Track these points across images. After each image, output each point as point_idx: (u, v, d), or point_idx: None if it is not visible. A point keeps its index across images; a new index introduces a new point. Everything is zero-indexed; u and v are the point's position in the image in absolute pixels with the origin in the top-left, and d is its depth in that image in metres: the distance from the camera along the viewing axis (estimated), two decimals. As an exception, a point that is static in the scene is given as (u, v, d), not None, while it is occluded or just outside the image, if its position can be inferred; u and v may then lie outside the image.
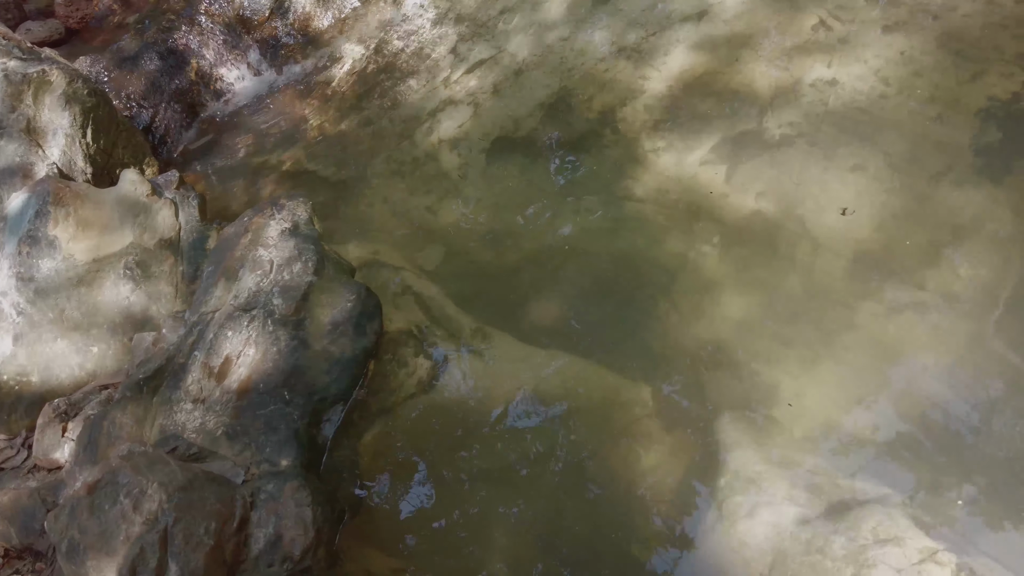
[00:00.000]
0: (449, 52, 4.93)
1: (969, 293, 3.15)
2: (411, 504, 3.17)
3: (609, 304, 3.66)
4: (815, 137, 3.57)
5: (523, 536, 3.15)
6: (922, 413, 2.98)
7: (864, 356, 3.20)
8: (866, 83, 3.58)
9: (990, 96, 3.31)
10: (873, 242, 3.34)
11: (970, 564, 2.30)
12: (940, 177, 3.27)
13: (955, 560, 2.31)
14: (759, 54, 3.94)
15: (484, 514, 3.21)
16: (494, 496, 3.25)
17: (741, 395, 3.31)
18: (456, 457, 3.31)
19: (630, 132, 3.97)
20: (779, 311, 3.43)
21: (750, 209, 3.61)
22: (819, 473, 2.91)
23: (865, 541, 2.45)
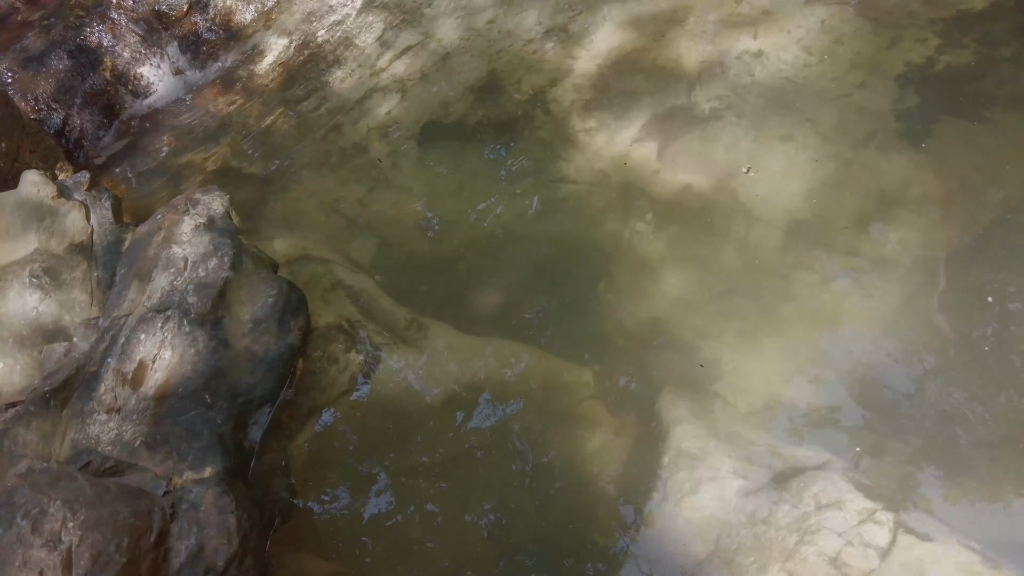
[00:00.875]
0: (376, 40, 4.79)
1: (900, 257, 3.17)
2: (348, 505, 3.04)
3: (548, 288, 3.58)
4: (743, 109, 3.56)
5: (471, 530, 3.04)
6: (860, 380, 2.98)
7: (803, 326, 3.19)
8: (790, 53, 3.59)
9: (907, 61, 3.35)
10: (805, 211, 3.34)
11: (906, 520, 2.29)
12: (865, 143, 3.29)
13: (892, 518, 2.30)
14: (685, 29, 3.92)
15: (428, 511, 3.09)
16: (437, 491, 3.13)
17: (683, 372, 3.27)
18: (395, 454, 3.19)
19: (561, 113, 3.90)
20: (717, 285, 3.41)
21: (683, 185, 3.58)
22: (762, 444, 2.89)
23: (808, 508, 2.43)
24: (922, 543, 2.22)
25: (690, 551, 2.59)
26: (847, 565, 2.23)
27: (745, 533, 2.49)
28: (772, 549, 2.37)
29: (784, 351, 3.17)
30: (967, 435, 2.75)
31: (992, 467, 2.64)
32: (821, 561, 2.27)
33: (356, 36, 4.95)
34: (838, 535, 2.29)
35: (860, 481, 2.50)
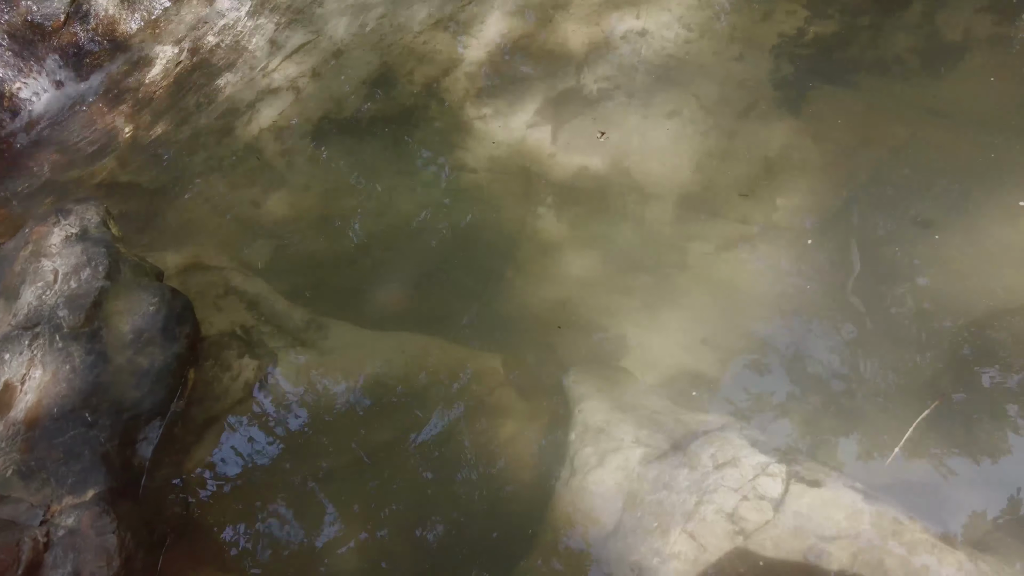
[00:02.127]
0: (266, 42, 4.65)
1: (787, 221, 3.27)
2: (251, 515, 2.91)
3: (453, 278, 3.54)
4: (631, 88, 3.61)
5: (383, 532, 2.96)
6: (758, 342, 3.05)
7: (701, 296, 3.24)
8: (672, 31, 3.67)
9: (780, 33, 3.47)
10: (695, 184, 3.41)
11: (798, 470, 2.34)
12: (747, 114, 3.39)
13: (785, 469, 2.35)
14: (571, 13, 3.95)
15: (337, 515, 2.99)
16: (345, 495, 3.03)
17: (590, 350, 3.28)
18: (298, 459, 3.08)
19: (455, 102, 3.87)
20: (618, 263, 3.43)
21: (579, 166, 3.60)
22: (664, 412, 2.91)
23: (706, 469, 2.45)
24: (812, 490, 2.27)
25: (598, 524, 2.58)
26: (744, 519, 2.26)
27: (649, 500, 2.50)
28: (674, 512, 2.39)
29: (685, 322, 3.22)
30: (858, 387, 2.84)
31: (882, 415, 2.74)
32: (719, 518, 2.29)
33: (246, 39, 4.80)
34: (734, 491, 2.32)
35: (755, 438, 2.55)
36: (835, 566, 2.11)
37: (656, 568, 2.29)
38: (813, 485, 2.29)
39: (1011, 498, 2.47)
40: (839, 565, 2.10)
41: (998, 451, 2.58)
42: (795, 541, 2.18)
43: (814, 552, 2.15)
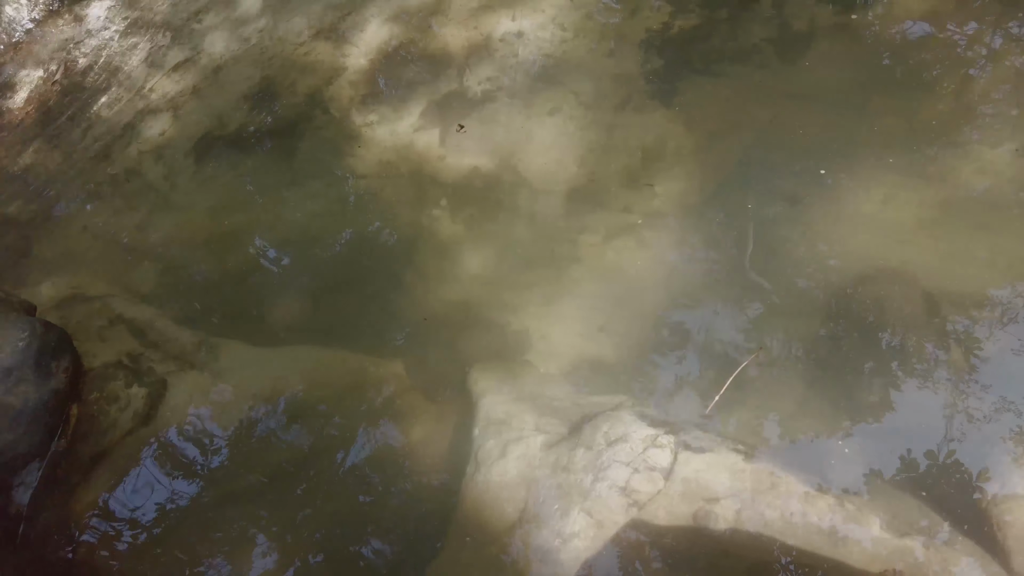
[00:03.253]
0: (142, 61, 4.49)
1: (668, 207, 3.42)
2: (146, 552, 2.79)
3: (350, 286, 3.52)
4: (513, 88, 3.70)
5: (295, 549, 2.90)
6: (649, 322, 3.17)
7: (595, 285, 3.34)
8: (547, 31, 3.78)
9: (647, 28, 3.65)
10: (580, 178, 3.52)
11: (684, 439, 2.46)
12: (623, 107, 3.53)
13: (673, 439, 2.46)
14: (449, 18, 4.01)
15: (242, 540, 2.91)
16: (250, 516, 2.95)
17: (494, 346, 3.33)
18: (195, 486, 2.97)
19: (340, 110, 3.85)
20: (515, 259, 3.50)
21: (469, 167, 3.65)
22: (564, 399, 2.99)
23: (600, 447, 2.54)
24: (698, 456, 2.39)
25: (503, 514, 2.62)
26: (636, 491, 2.36)
27: (549, 484, 2.56)
28: (573, 493, 2.46)
29: (583, 311, 3.31)
30: (740, 355, 3.01)
31: (769, 382, 2.91)
32: (614, 493, 2.38)
33: (121, 59, 4.61)
34: (626, 465, 2.42)
35: (645, 413, 2.66)
36: (722, 525, 2.23)
37: (558, 550, 2.36)
38: (699, 452, 2.41)
39: (879, 448, 2.67)
40: (725, 524, 2.22)
41: (870, 407, 2.79)
42: (685, 506, 2.29)
43: (702, 514, 2.26)
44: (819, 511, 2.18)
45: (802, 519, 2.17)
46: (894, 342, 2.89)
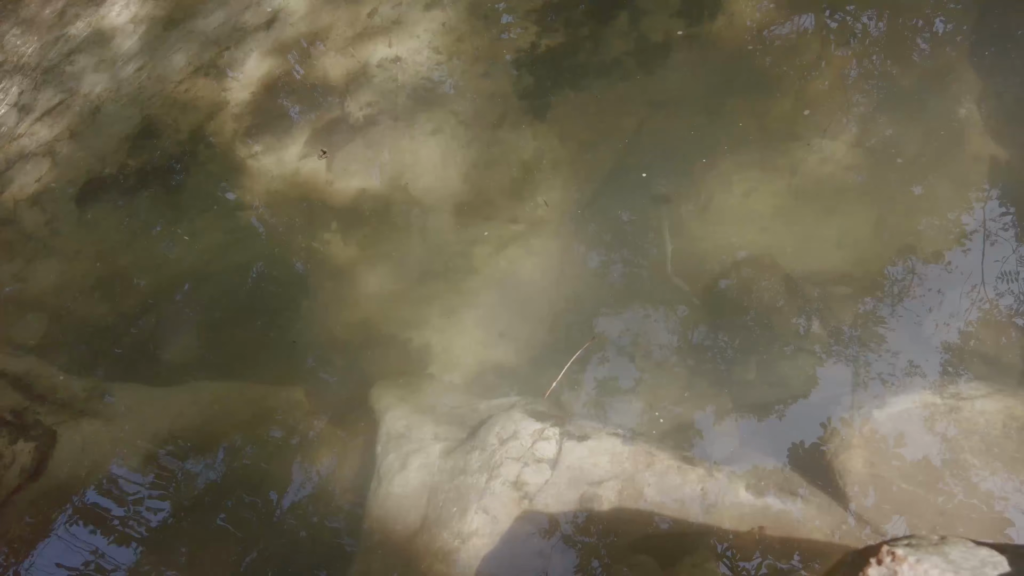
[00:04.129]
0: (12, 106, 4.37)
1: (551, 215, 3.61)
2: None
3: (247, 317, 3.53)
4: (395, 111, 3.83)
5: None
6: (542, 324, 3.34)
7: (492, 294, 3.49)
8: (423, 55, 3.93)
9: (517, 48, 3.85)
10: (466, 193, 3.67)
11: (570, 429, 2.63)
12: (500, 124, 3.71)
13: (558, 431, 2.62)
14: (327, 47, 4.11)
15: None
16: (161, 564, 2.92)
17: (396, 363, 3.41)
18: (98, 535, 2.91)
19: (224, 144, 3.88)
20: (411, 275, 3.61)
21: (358, 190, 3.74)
22: (463, 405, 3.11)
23: (493, 447, 2.67)
24: (581, 444, 2.55)
25: (407, 522, 2.70)
26: (526, 484, 2.49)
27: (448, 487, 2.66)
28: (469, 494, 2.57)
29: (482, 320, 3.45)
30: (624, 346, 3.21)
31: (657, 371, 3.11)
32: (506, 488, 2.50)
33: (-10, 105, 4.47)
34: (517, 460, 2.55)
35: (535, 409, 2.81)
36: (606, 505, 2.38)
37: (458, 550, 2.46)
38: (582, 440, 2.57)
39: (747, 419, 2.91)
40: (608, 504, 2.38)
41: (743, 383, 3.03)
42: (571, 492, 2.44)
43: (587, 497, 2.42)
44: (691, 482, 2.37)
45: (677, 491, 2.35)
46: (762, 322, 3.15)
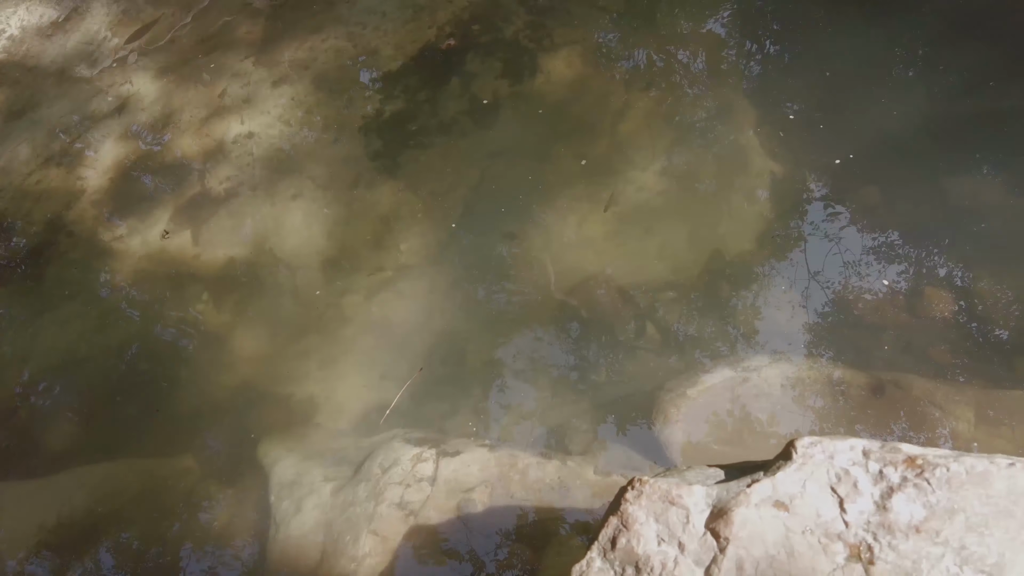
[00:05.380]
0: None
1: (413, 260, 3.97)
2: None
3: (127, 396, 3.60)
4: (254, 182, 4.07)
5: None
6: (421, 360, 3.65)
7: (368, 339, 3.77)
8: (275, 128, 4.23)
9: (363, 115, 4.25)
10: (332, 249, 3.96)
11: (445, 448, 2.95)
12: (356, 184, 4.06)
13: (435, 451, 2.94)
14: (181, 129, 4.31)
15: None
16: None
17: (281, 418, 3.60)
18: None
19: (86, 231, 3.95)
20: (287, 333, 3.82)
21: (226, 258, 3.93)
22: (349, 446, 3.35)
23: (377, 476, 2.94)
24: (455, 458, 2.88)
25: (308, 558, 2.90)
26: (410, 502, 2.78)
27: (341, 520, 2.89)
28: (360, 521, 2.82)
29: (361, 365, 3.71)
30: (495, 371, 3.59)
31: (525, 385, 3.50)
32: (392, 510, 2.78)
33: None
34: (399, 484, 2.83)
35: (413, 437, 3.11)
36: (480, 507, 2.72)
37: (355, 572, 2.69)
38: (455, 455, 2.90)
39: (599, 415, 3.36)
40: (482, 505, 2.72)
41: (596, 385, 3.49)
42: (449, 501, 2.75)
43: (465, 503, 2.74)
44: (550, 474, 2.76)
45: (538, 483, 2.73)
46: (606, 330, 3.64)
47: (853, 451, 1.38)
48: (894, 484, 1.32)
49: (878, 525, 1.31)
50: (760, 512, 1.34)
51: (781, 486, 1.37)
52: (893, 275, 3.55)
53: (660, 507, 1.39)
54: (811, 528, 1.32)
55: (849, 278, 3.54)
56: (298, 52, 4.58)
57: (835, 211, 3.80)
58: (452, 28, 4.59)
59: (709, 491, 1.42)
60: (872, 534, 1.31)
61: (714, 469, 1.58)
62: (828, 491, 1.35)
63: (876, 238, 3.69)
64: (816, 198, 3.85)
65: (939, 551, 1.27)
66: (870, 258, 3.62)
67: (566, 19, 4.58)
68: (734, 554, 1.30)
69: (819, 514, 1.34)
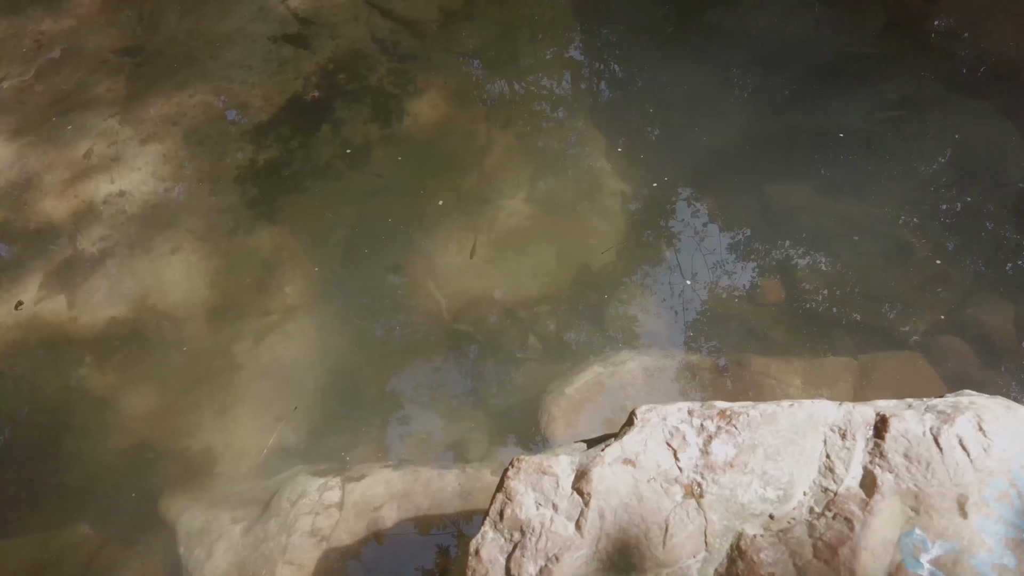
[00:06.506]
0: None
1: (299, 301, 4.09)
2: None
3: (8, 473, 3.46)
4: (130, 240, 4.06)
5: None
6: (317, 397, 3.77)
7: (260, 384, 3.83)
8: (148, 185, 4.24)
9: (237, 166, 4.35)
10: (216, 299, 4.01)
11: (350, 474, 3.12)
12: (235, 232, 4.14)
13: (340, 479, 3.09)
14: (44, 192, 4.22)
15: None
16: None
17: (180, 472, 3.59)
18: None
19: (-56, 305, 3.77)
20: (177, 387, 3.82)
21: (107, 319, 3.88)
22: (255, 488, 3.42)
23: (286, 509, 3.05)
24: (361, 482, 3.05)
25: (222, 603, 2.95)
26: (321, 529, 2.92)
27: (255, 557, 2.97)
28: (274, 554, 2.91)
29: (256, 410, 3.77)
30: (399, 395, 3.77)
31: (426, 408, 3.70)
32: (305, 538, 2.90)
33: None
34: (309, 513, 2.96)
35: (317, 469, 3.25)
36: (389, 523, 2.90)
37: (272, 603, 2.78)
38: (361, 478, 3.07)
39: (496, 423, 3.64)
40: (391, 520, 2.90)
41: (486, 397, 3.76)
42: (359, 522, 2.91)
43: (374, 521, 2.91)
44: (450, 483, 2.99)
45: (440, 493, 2.95)
46: (495, 347, 3.93)
47: (680, 412, 1.74)
48: (712, 433, 1.68)
49: (703, 466, 1.66)
50: (613, 469, 1.66)
51: (628, 446, 1.70)
52: (734, 271, 4.11)
53: (535, 478, 1.67)
54: (654, 477, 1.65)
55: (698, 277, 4.06)
56: (165, 108, 4.61)
57: (680, 220, 4.34)
58: (318, 78, 4.80)
59: (573, 459, 1.73)
60: (700, 474, 1.66)
61: (579, 443, 1.88)
62: (664, 446, 1.69)
63: (717, 241, 4.25)
64: (663, 211, 4.37)
65: (748, 479, 1.64)
66: (714, 258, 4.17)
67: (427, 65, 4.92)
68: (596, 506, 1.60)
69: (659, 464, 1.68)
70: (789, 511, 1.66)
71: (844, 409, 1.73)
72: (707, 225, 4.37)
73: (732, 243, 4.31)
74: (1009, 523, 1.60)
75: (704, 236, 4.33)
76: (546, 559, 1.57)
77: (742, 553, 1.61)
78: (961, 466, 1.65)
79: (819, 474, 1.69)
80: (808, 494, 1.68)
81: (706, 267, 4.17)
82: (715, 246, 4.26)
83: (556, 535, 1.61)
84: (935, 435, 1.69)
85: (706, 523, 1.63)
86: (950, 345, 3.72)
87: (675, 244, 4.29)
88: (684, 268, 4.17)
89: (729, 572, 1.60)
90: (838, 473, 1.68)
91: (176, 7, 5.51)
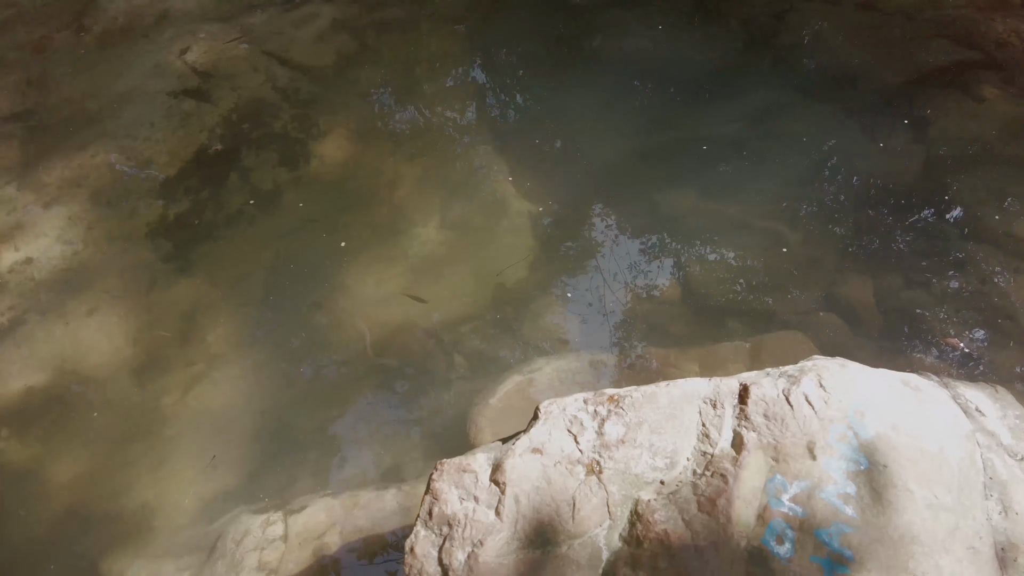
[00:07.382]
0: None
1: (224, 348, 4.17)
2: None
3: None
4: (42, 307, 4.04)
5: None
6: (249, 440, 3.84)
7: (192, 433, 3.88)
8: (56, 250, 4.23)
9: (148, 223, 4.40)
10: (139, 355, 4.04)
11: (292, 507, 3.24)
12: (152, 288, 4.19)
13: (282, 513, 3.21)
14: (-55, 267, 4.15)
15: None
16: None
17: (118, 531, 3.59)
18: None
19: None
20: (106, 448, 3.82)
21: (23, 388, 3.84)
22: (197, 535, 3.47)
23: (232, 550, 3.14)
24: (303, 513, 3.19)
25: (174, 651, 3.01)
26: (268, 562, 3.03)
27: (202, 601, 3.05)
28: (222, 595, 3.00)
29: (189, 459, 3.82)
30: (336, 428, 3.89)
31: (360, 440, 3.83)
32: (253, 573, 3.01)
33: None
34: (255, 550, 3.07)
35: (259, 507, 3.35)
36: (334, 548, 3.05)
37: (226, 642, 2.87)
38: (302, 510, 3.20)
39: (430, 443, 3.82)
40: (335, 546, 3.05)
41: (413, 419, 3.94)
42: (305, 551, 3.04)
43: (319, 548, 3.05)
44: (389, 501, 3.17)
45: (381, 512, 3.12)
46: (424, 370, 4.12)
47: (577, 401, 2.00)
48: (604, 416, 1.96)
49: (600, 446, 1.93)
50: (524, 459, 1.90)
51: (535, 437, 1.94)
52: (634, 274, 4.48)
53: (457, 476, 1.88)
54: (559, 460, 1.90)
55: (604, 283, 4.40)
56: (66, 171, 4.60)
57: (582, 232, 4.69)
58: (223, 129, 4.90)
59: (489, 455, 1.95)
60: (598, 453, 1.92)
61: (496, 443, 2.12)
62: (566, 432, 1.95)
63: (617, 248, 4.62)
64: (566, 225, 4.71)
65: (638, 452, 1.92)
66: (617, 264, 4.52)
67: (329, 107, 5.11)
68: (511, 492, 1.83)
69: (563, 449, 1.93)
70: (676, 475, 1.94)
71: (713, 383, 2.05)
72: (606, 234, 4.74)
73: (630, 248, 4.68)
74: (849, 459, 1.95)
75: (604, 244, 4.69)
76: (472, 545, 1.79)
77: (640, 517, 1.88)
78: (808, 418, 1.99)
79: (698, 441, 1.99)
80: (691, 459, 1.97)
81: (610, 272, 4.52)
82: (615, 252, 4.63)
83: (479, 523, 1.83)
84: (786, 395, 2.02)
85: (607, 495, 1.89)
86: (825, 320, 4.20)
87: (580, 254, 4.63)
88: (590, 275, 4.51)
89: (631, 535, 1.87)
90: (713, 438, 1.98)
91: (67, 68, 5.48)
